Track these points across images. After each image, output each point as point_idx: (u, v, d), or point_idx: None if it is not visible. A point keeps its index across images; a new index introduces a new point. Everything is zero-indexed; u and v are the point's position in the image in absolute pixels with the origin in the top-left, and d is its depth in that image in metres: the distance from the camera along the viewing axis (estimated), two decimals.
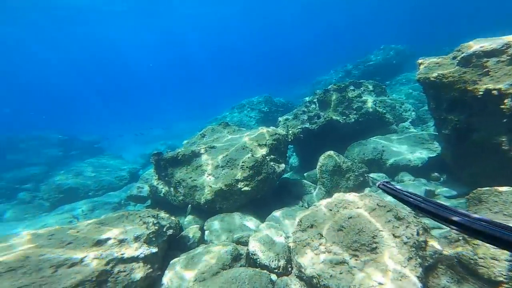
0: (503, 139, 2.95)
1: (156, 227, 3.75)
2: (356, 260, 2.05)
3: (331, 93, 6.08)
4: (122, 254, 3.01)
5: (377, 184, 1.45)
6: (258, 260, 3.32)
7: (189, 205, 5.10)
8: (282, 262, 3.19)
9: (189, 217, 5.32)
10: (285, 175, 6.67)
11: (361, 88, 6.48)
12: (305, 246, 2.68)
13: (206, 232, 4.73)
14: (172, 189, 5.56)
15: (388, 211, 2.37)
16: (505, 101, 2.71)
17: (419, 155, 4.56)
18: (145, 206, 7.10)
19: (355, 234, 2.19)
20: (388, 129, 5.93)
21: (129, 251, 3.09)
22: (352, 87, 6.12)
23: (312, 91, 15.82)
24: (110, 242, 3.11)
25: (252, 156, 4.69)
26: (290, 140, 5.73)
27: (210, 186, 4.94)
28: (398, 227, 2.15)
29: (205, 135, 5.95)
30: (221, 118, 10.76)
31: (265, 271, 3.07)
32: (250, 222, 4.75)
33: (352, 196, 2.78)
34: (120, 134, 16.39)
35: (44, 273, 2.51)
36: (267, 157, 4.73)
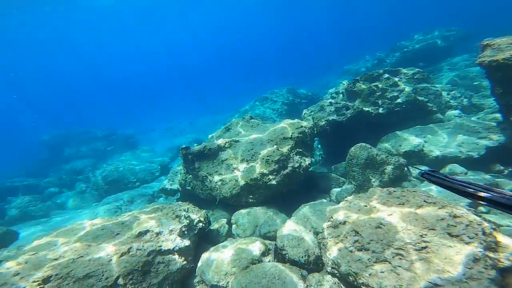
0: None
1: (188, 221, 3.90)
2: (401, 259, 1.87)
3: (361, 83, 5.66)
4: (159, 246, 3.18)
5: (419, 174, 1.30)
6: (287, 255, 3.27)
7: (218, 197, 5.21)
8: (312, 258, 3.10)
9: (217, 210, 5.47)
10: (311, 168, 6.47)
11: (398, 76, 5.90)
12: (338, 242, 2.55)
13: (233, 226, 4.81)
14: (199, 182, 5.72)
15: (440, 208, 2.11)
16: None
17: (475, 145, 4.02)
18: (175, 199, 7.47)
19: (396, 232, 2.00)
20: (431, 119, 5.33)
21: (166, 243, 3.26)
22: (386, 75, 5.61)
23: (338, 81, 15.07)
24: (148, 234, 3.30)
25: (278, 149, 4.59)
26: (316, 132, 5.50)
27: (236, 180, 4.98)
28: (455, 226, 1.90)
29: (230, 129, 5.99)
30: (244, 111, 10.77)
31: (295, 267, 3.02)
32: (276, 216, 4.72)
33: (391, 191, 2.55)
34: (152, 129, 17.50)
35: (103, 260, 2.76)
36: (292, 151, 4.61)
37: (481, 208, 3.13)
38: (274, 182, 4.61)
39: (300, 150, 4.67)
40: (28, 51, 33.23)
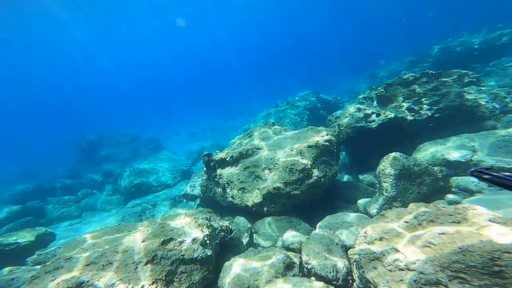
0: None
1: (210, 230, 3.90)
2: (464, 284, 1.63)
3: (394, 87, 5.33)
4: (182, 255, 3.20)
5: (469, 172, 1.14)
6: (313, 270, 3.10)
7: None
8: (341, 274, 2.90)
9: (238, 219, 5.44)
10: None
11: (439, 80, 5.46)
12: (373, 260, 2.35)
13: (255, 235, 4.73)
14: (221, 189, 5.74)
15: None
16: None
17: None
18: (196, 204, 7.60)
19: (454, 253, 1.76)
20: (482, 125, 4.79)
21: (189, 252, 3.27)
22: (424, 79, 5.22)
23: (363, 85, 14.45)
24: (172, 243, 3.35)
25: (302, 158, 4.46)
26: (342, 140, 5.27)
27: (258, 189, 4.92)
28: None
29: (251, 135, 5.99)
30: (265, 115, 10.73)
31: (322, 282, 2.84)
32: (300, 227, 4.55)
33: (440, 207, 2.29)
34: (177, 133, 18.19)
35: (131, 268, 2.86)
36: (317, 160, 4.44)
37: None
38: (297, 192, 4.47)
39: (326, 159, 4.49)
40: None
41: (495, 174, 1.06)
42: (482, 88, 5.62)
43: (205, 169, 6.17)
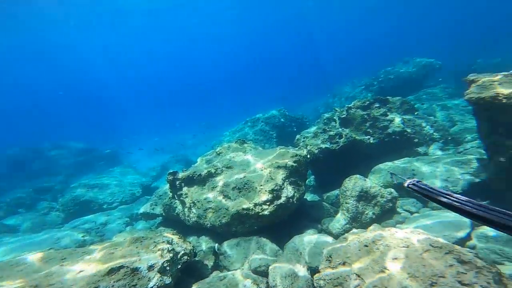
0: None
1: (171, 255, 3.67)
2: None
3: (354, 111, 5.97)
4: (134, 285, 2.93)
5: (405, 184, 1.35)
6: None
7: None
8: None
9: (204, 239, 5.26)
10: None
11: (387, 106, 6.31)
12: (336, 286, 2.51)
13: (221, 257, 4.63)
14: (186, 209, 5.55)
15: (446, 253, 2.17)
16: None
17: (458, 180, 4.30)
18: (157, 224, 7.11)
19: (404, 278, 2.00)
20: (417, 151, 5.68)
21: (142, 282, 3.01)
22: (377, 104, 5.99)
23: (327, 104, 15.77)
24: (122, 271, 3.05)
25: (272, 179, 4.60)
26: (309, 160, 5.62)
27: (226, 209, 4.89)
28: (466, 273, 1.93)
29: (221, 153, 5.96)
30: (235, 131, 10.79)
31: None
32: (267, 248, 4.61)
33: (393, 232, 2.60)
34: (140, 148, 16.75)
35: None
36: (287, 180, 4.64)
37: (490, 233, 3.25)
38: (266, 212, 4.56)
39: (294, 179, 4.71)
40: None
41: (429, 188, 1.25)
42: (417, 116, 6.69)
43: (169, 187, 5.89)
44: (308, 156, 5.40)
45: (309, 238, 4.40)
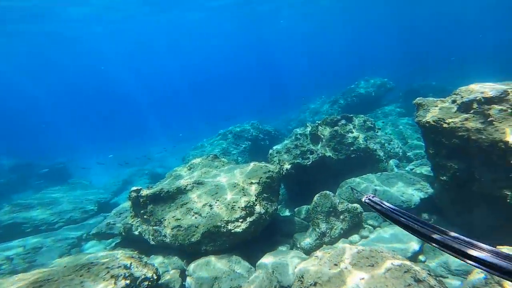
0: (508, 193, 3.01)
1: (128, 281, 3.31)
2: None
3: (323, 127, 6.35)
4: None
5: (362, 199, 1.47)
6: None
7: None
8: None
9: (170, 259, 4.96)
10: None
11: (352, 123, 6.85)
12: None
13: (188, 280, 4.40)
14: (151, 228, 5.23)
15: (405, 271, 2.36)
16: None
17: (412, 196, 4.81)
18: (115, 243, 6.49)
19: None
20: (378, 167, 6.24)
21: None
22: (343, 121, 6.47)
23: (299, 118, 16.51)
24: None
25: (244, 195, 4.58)
26: (282, 175, 5.76)
27: (196, 227, 4.74)
28: None
29: (192, 168, 5.76)
30: (208, 144, 10.55)
31: None
32: (239, 266, 4.51)
33: (360, 250, 2.76)
34: (99, 162, 15.06)
35: None
36: (259, 196, 4.66)
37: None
38: (239, 229, 4.50)
39: (267, 195, 4.76)
40: None
41: (382, 205, 1.38)
42: (377, 133, 7.41)
43: (132, 205, 5.47)
44: (281, 171, 5.54)
45: (281, 255, 4.43)
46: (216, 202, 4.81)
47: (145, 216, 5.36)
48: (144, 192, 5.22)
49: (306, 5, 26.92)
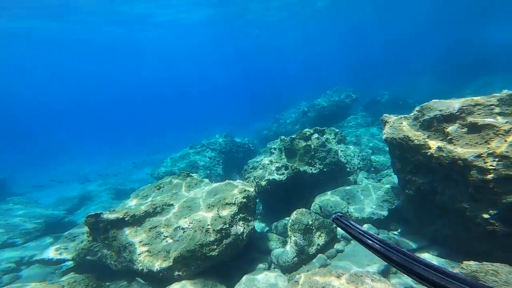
0: (466, 206, 3.20)
1: None
2: None
3: (297, 142, 6.48)
4: None
5: (331, 218, 1.51)
6: None
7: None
8: None
9: (137, 284, 4.52)
10: None
11: (324, 136, 7.11)
12: None
13: None
14: (113, 253, 4.75)
15: None
16: (472, 172, 2.98)
17: (380, 207, 5.10)
18: (66, 269, 5.76)
19: None
20: (349, 179, 6.55)
21: None
22: (316, 135, 6.68)
23: (272, 128, 16.76)
24: None
25: (220, 216, 4.39)
26: (258, 192, 5.69)
27: (167, 252, 4.41)
28: None
29: (162, 188, 5.37)
30: (179, 158, 9.96)
31: None
32: None
33: (340, 274, 2.78)
34: (53, 179, 13.18)
35: None
36: (236, 217, 4.51)
37: None
38: (214, 253, 4.28)
39: (244, 215, 4.63)
40: None
41: (350, 225, 1.42)
42: (348, 146, 7.83)
43: (89, 231, 4.89)
44: (257, 188, 5.47)
45: (259, 278, 4.29)
46: (189, 225, 4.53)
47: (106, 241, 4.85)
48: (105, 216, 4.70)
49: (279, 17, 28.05)
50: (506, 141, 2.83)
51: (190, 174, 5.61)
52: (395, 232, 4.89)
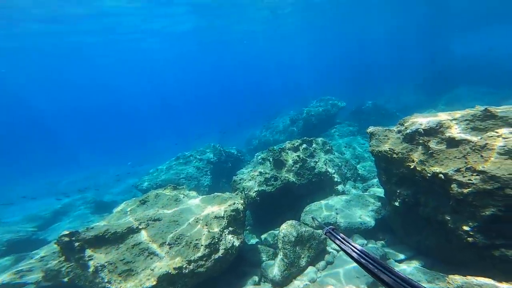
0: (448, 218, 3.30)
1: None
2: None
3: (286, 152, 6.54)
4: None
5: (323, 231, 1.59)
6: None
7: None
8: None
9: None
10: None
11: (313, 146, 7.24)
12: None
13: None
14: (89, 274, 4.45)
15: None
16: (452, 186, 3.10)
17: (368, 217, 5.22)
18: None
19: None
20: (337, 189, 6.67)
21: None
22: (305, 145, 6.78)
23: (260, 137, 16.81)
24: None
25: (208, 231, 4.29)
26: (248, 204, 5.64)
27: (152, 270, 4.20)
28: None
29: (147, 202, 5.17)
30: (166, 169, 9.65)
31: None
32: None
33: None
34: (29, 197, 12.19)
35: None
36: (225, 230, 4.42)
37: None
38: (203, 269, 4.15)
39: (233, 228, 4.55)
40: None
41: (342, 239, 1.48)
42: (335, 155, 8.00)
43: (61, 250, 4.59)
44: (247, 200, 5.41)
45: None
46: (176, 241, 4.37)
47: (82, 261, 4.55)
48: (83, 235, 4.44)
49: (269, 25, 28.69)
50: (482, 156, 3.03)
51: (177, 187, 5.47)
52: (383, 242, 5.00)
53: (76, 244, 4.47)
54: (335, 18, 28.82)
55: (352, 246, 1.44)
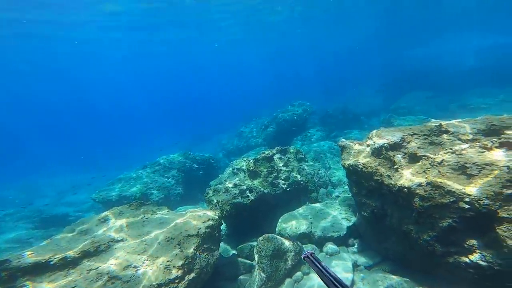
0: (412, 228, 3.62)
1: None
2: None
3: (260, 162, 6.55)
4: None
5: (302, 256, 1.67)
6: None
7: None
8: None
9: None
10: None
11: (286, 156, 7.39)
12: None
13: None
14: None
15: None
16: (415, 199, 3.40)
17: (341, 225, 5.49)
18: None
19: None
20: (311, 197, 6.89)
21: None
22: (278, 155, 6.88)
23: (234, 142, 16.66)
24: None
25: (181, 251, 4.06)
26: (222, 217, 5.50)
27: None
28: None
29: (108, 220, 4.71)
30: (134, 178, 8.89)
31: None
32: None
33: None
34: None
35: None
36: (199, 249, 4.24)
37: None
38: None
39: (208, 245, 4.39)
40: None
41: (320, 266, 1.56)
42: (308, 163, 8.28)
43: None
44: (221, 214, 5.28)
45: None
46: (143, 262, 4.04)
47: None
48: (15, 263, 3.86)
49: (237, 29, 28.71)
50: (439, 172, 3.39)
51: (145, 203, 5.09)
52: (353, 248, 5.29)
53: (3, 274, 3.84)
54: (306, 28, 30.13)
55: (328, 271, 1.53)
